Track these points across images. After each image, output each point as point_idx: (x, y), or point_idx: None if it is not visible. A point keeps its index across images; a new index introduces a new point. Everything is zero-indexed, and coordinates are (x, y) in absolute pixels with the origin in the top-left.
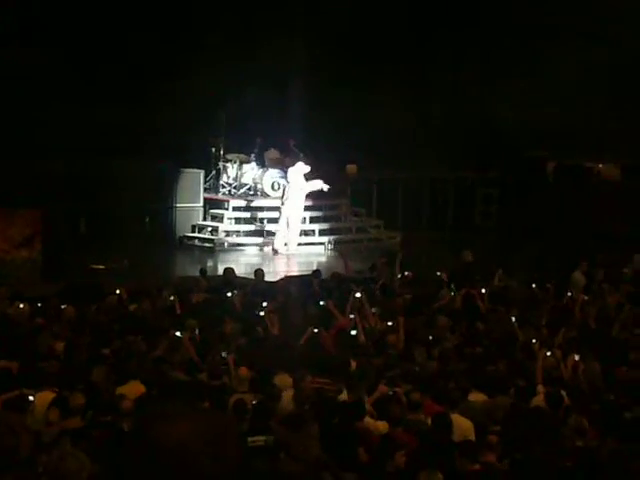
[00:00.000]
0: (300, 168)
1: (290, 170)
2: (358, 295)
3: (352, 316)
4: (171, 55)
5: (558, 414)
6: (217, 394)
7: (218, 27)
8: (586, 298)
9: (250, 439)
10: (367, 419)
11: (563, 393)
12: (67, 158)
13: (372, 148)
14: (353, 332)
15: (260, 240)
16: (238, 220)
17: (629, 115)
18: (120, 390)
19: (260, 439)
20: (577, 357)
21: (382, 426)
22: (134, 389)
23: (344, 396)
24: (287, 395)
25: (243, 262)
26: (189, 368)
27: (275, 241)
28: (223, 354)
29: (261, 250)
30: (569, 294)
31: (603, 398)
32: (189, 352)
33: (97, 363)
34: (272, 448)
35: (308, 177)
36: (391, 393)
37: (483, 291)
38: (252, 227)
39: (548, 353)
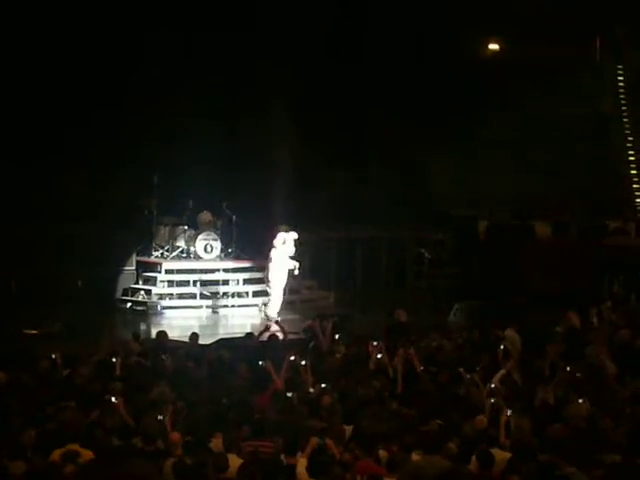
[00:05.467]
0: (290, 236)
1: (279, 236)
2: (293, 357)
3: (287, 378)
4: (104, 118)
5: (489, 474)
6: (151, 459)
7: (152, 92)
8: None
9: None
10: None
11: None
12: None
13: (305, 209)
14: (289, 394)
15: (194, 302)
16: (171, 283)
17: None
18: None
19: None
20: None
21: None
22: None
23: (282, 457)
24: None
25: (177, 325)
26: (123, 433)
27: (270, 307)
28: (159, 417)
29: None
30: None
31: (536, 457)
32: (123, 417)
33: (29, 429)
34: None
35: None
36: (321, 445)
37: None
38: (185, 289)
39: (509, 412)
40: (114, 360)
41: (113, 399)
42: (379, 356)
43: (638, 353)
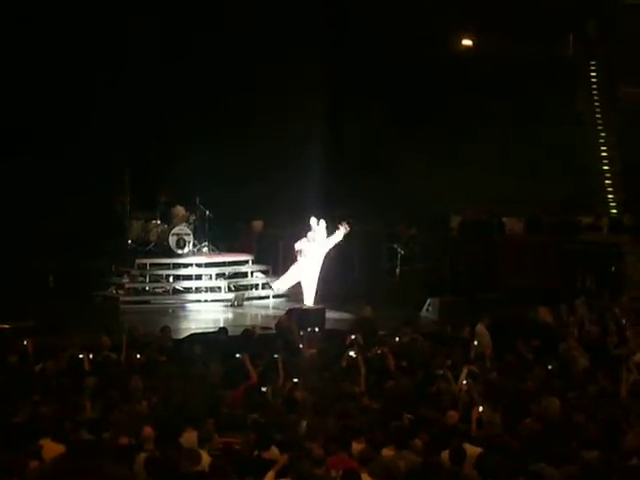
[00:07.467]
0: (321, 224)
1: (317, 228)
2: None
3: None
4: (77, 114)
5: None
6: (123, 453)
7: (125, 88)
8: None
9: None
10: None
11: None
12: None
13: (277, 204)
14: (263, 389)
15: (165, 298)
16: (144, 277)
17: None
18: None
19: None
20: (481, 409)
21: None
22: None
23: (255, 453)
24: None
25: (150, 319)
26: (94, 427)
27: (281, 280)
28: (131, 412)
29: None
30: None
31: (507, 452)
32: (91, 411)
33: None
34: None
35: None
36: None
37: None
38: (158, 284)
39: (481, 409)
40: (85, 355)
41: (83, 394)
42: (351, 353)
43: (608, 349)
